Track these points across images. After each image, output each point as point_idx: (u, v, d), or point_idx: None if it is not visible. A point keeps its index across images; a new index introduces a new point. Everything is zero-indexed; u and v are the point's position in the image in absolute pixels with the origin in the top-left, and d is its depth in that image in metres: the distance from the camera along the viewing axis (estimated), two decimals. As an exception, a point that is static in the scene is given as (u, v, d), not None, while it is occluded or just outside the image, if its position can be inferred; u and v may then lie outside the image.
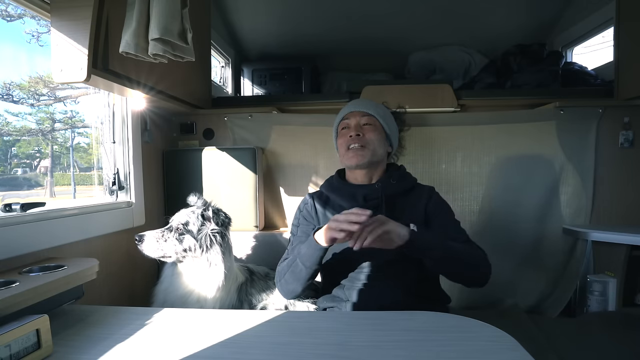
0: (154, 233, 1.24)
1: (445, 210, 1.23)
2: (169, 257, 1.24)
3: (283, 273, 1.17)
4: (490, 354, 0.70)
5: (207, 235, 1.23)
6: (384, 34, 2.45)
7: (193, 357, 0.71)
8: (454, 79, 2.32)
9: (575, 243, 1.77)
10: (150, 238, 1.23)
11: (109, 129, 1.51)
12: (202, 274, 1.23)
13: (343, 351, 0.72)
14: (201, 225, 1.23)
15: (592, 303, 1.62)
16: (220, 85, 2.52)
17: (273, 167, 1.88)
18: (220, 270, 1.22)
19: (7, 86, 1.53)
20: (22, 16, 1.40)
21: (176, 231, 1.23)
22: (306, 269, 1.10)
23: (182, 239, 1.22)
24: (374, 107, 1.29)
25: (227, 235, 1.29)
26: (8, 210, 1.06)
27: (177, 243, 1.22)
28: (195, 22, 1.26)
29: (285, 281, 1.16)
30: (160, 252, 1.23)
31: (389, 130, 1.29)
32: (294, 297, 1.20)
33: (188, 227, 1.23)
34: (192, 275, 1.25)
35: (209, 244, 1.23)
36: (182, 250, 1.22)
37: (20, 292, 0.78)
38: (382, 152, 1.26)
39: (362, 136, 1.23)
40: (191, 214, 1.25)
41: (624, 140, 1.76)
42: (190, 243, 1.22)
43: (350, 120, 1.27)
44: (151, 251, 1.22)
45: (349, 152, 1.23)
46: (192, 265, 1.25)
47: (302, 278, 1.12)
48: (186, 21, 1.12)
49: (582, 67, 2.17)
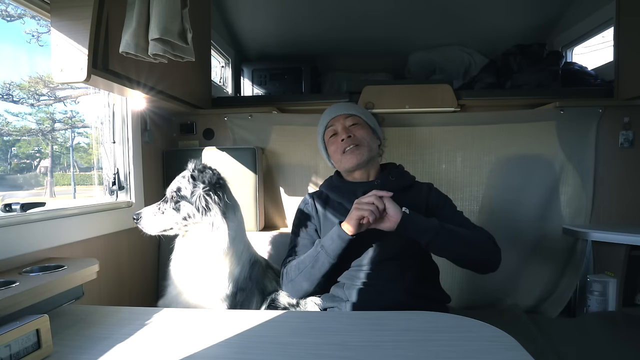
0: (150, 208, 1.18)
1: (446, 202, 1.25)
2: (170, 230, 1.18)
3: (293, 273, 1.16)
4: (490, 354, 0.70)
5: (200, 196, 1.15)
6: (384, 34, 2.46)
7: (193, 357, 0.71)
8: (454, 79, 2.32)
9: (575, 243, 1.77)
10: (147, 214, 1.17)
11: (109, 129, 1.51)
12: (206, 238, 1.16)
13: (343, 351, 0.72)
14: (194, 188, 1.15)
15: (592, 303, 1.62)
16: (220, 85, 2.52)
17: (273, 167, 1.88)
18: (223, 232, 1.15)
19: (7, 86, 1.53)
20: (22, 16, 1.40)
21: (171, 200, 1.16)
22: (329, 262, 1.10)
23: (179, 207, 1.15)
24: (353, 107, 1.32)
25: (224, 194, 1.19)
26: (8, 210, 1.05)
27: (175, 212, 1.15)
28: (195, 22, 1.26)
29: (298, 281, 1.16)
30: (160, 227, 1.17)
31: (373, 124, 1.32)
32: (305, 295, 1.20)
33: (181, 193, 1.16)
34: (198, 243, 1.18)
35: (205, 205, 1.14)
36: (182, 219, 1.16)
37: (20, 292, 0.79)
38: (375, 147, 1.28)
39: (353, 137, 1.24)
40: (182, 179, 1.18)
41: (624, 140, 1.76)
42: (188, 209, 1.15)
43: (335, 126, 1.28)
44: (150, 228, 1.17)
45: (345, 155, 1.24)
46: (197, 234, 1.18)
47: (320, 273, 1.12)
48: (186, 21, 1.12)
49: (582, 67, 2.18)
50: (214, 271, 1.18)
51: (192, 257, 1.19)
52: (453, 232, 1.08)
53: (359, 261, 1.16)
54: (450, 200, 1.26)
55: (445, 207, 1.22)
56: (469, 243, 1.10)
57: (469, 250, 1.10)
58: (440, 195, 1.26)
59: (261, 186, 1.78)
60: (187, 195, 1.16)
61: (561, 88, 2.03)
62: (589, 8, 2.17)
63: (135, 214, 1.20)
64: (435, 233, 1.05)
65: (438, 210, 1.21)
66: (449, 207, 1.23)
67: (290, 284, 1.18)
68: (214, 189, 1.17)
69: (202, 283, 1.18)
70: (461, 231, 1.10)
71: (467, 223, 1.18)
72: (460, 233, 1.09)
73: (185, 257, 1.20)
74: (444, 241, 1.07)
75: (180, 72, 1.55)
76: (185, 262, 1.20)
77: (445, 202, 1.25)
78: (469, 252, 1.10)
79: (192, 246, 1.19)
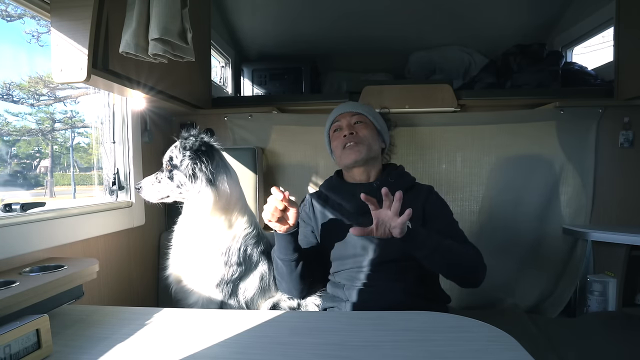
0: (149, 178, 1.23)
1: (443, 210, 1.23)
2: (167, 198, 1.22)
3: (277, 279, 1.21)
4: (490, 354, 0.70)
5: (188, 165, 1.17)
6: (384, 33, 2.45)
7: (193, 357, 0.71)
8: (454, 79, 2.32)
9: (575, 243, 1.77)
10: (147, 184, 1.22)
11: (109, 129, 1.51)
12: (194, 206, 1.19)
13: (343, 351, 0.72)
14: (182, 157, 1.18)
15: (592, 303, 1.62)
16: (220, 85, 2.52)
17: (273, 167, 1.88)
18: (207, 199, 1.15)
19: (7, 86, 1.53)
20: (22, 16, 1.40)
21: (166, 170, 1.20)
22: (282, 262, 1.13)
23: (172, 175, 1.19)
24: (362, 107, 1.33)
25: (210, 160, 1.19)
26: (8, 210, 1.05)
27: (169, 181, 1.19)
28: (195, 22, 1.26)
29: (279, 281, 1.20)
30: (158, 195, 1.21)
31: (379, 126, 1.32)
32: (298, 294, 1.20)
33: (173, 162, 1.19)
34: (190, 210, 1.21)
35: (192, 173, 1.16)
36: (176, 187, 1.19)
37: (20, 292, 0.79)
38: (376, 148, 1.28)
39: (355, 134, 1.25)
40: (174, 148, 1.21)
41: (624, 140, 1.76)
42: (180, 178, 1.18)
43: (341, 122, 1.30)
44: (150, 196, 1.22)
45: (345, 151, 1.24)
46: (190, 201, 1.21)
47: (285, 273, 1.15)
48: (186, 21, 1.12)
49: (582, 67, 2.18)
50: (206, 239, 1.19)
51: (188, 224, 1.22)
52: (448, 250, 1.07)
53: (359, 262, 1.16)
54: (448, 208, 1.24)
55: (440, 217, 1.21)
56: (460, 261, 1.10)
57: (458, 268, 1.10)
58: (437, 201, 1.24)
59: (261, 186, 1.78)
60: (177, 164, 1.18)
61: (561, 88, 2.03)
62: (589, 8, 2.17)
63: (137, 184, 1.25)
64: (433, 250, 1.04)
65: (432, 219, 1.19)
66: (444, 217, 1.21)
67: (278, 285, 1.22)
68: (197, 156, 1.17)
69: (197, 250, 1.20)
70: (455, 249, 1.09)
71: (460, 237, 1.17)
72: (454, 251, 1.09)
73: (185, 223, 1.24)
74: (439, 258, 1.06)
75: (180, 72, 1.55)
76: (184, 228, 1.23)
77: (441, 210, 1.23)
78: (457, 270, 1.11)
79: (189, 212, 1.23)
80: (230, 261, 1.18)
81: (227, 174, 1.22)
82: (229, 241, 1.19)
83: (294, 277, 1.15)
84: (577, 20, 2.28)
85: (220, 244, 1.19)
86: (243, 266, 1.20)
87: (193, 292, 1.20)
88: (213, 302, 1.18)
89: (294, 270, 1.13)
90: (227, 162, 1.26)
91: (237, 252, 1.19)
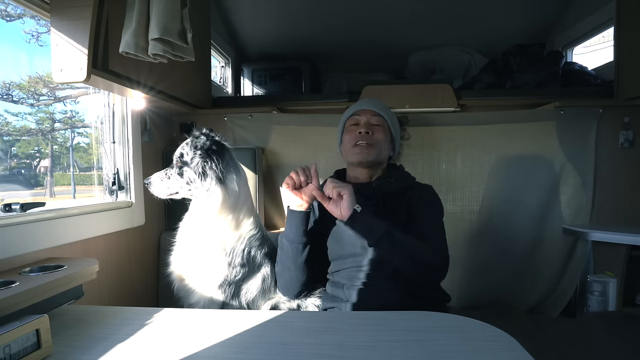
0: (159, 173, 1.23)
1: (428, 210, 1.20)
2: (176, 194, 1.22)
3: (278, 270, 1.19)
4: (490, 353, 0.70)
5: (198, 163, 1.17)
6: (384, 34, 2.46)
7: (193, 357, 0.71)
8: (454, 79, 2.31)
9: (575, 243, 1.77)
10: (156, 179, 1.22)
11: (109, 129, 1.51)
12: (202, 203, 1.19)
13: (343, 351, 0.72)
14: (193, 154, 1.18)
15: (592, 303, 1.62)
16: (220, 85, 2.52)
17: (273, 167, 1.88)
18: (216, 198, 1.16)
19: (7, 86, 1.53)
20: (22, 16, 1.40)
21: (176, 166, 1.20)
22: (290, 244, 1.13)
23: (182, 172, 1.19)
24: (385, 110, 1.29)
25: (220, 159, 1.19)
26: (8, 210, 1.06)
27: (179, 178, 1.19)
28: (195, 22, 1.26)
29: (279, 273, 1.18)
30: (167, 191, 1.21)
31: (395, 134, 1.30)
32: (294, 293, 1.19)
33: (184, 159, 1.19)
34: (199, 207, 1.21)
35: (202, 171, 1.17)
36: (185, 184, 1.19)
37: (20, 292, 0.79)
38: (385, 155, 1.26)
39: (370, 135, 1.23)
40: (185, 145, 1.21)
41: (624, 140, 1.76)
42: (190, 175, 1.18)
43: (360, 117, 1.27)
44: (158, 191, 1.22)
45: (355, 148, 1.23)
46: (199, 198, 1.21)
47: (291, 258, 1.14)
48: (186, 21, 1.12)
49: (582, 67, 2.18)
50: (212, 239, 1.19)
51: (196, 220, 1.22)
52: (398, 241, 1.06)
53: (359, 261, 1.16)
54: (436, 209, 1.21)
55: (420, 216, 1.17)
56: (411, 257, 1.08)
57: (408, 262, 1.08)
58: (428, 201, 1.21)
59: (261, 186, 1.78)
60: (188, 161, 1.19)
61: (561, 88, 2.03)
62: (589, 8, 2.17)
63: (146, 179, 1.24)
64: (379, 238, 1.04)
65: (413, 217, 1.17)
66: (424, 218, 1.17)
67: (278, 280, 1.20)
68: (208, 155, 1.18)
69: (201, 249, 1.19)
70: (407, 242, 1.07)
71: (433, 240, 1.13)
72: (407, 244, 1.07)
73: (191, 220, 1.24)
74: (387, 247, 1.06)
75: (180, 72, 1.55)
76: (190, 226, 1.23)
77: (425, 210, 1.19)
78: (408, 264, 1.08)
79: (195, 213, 1.23)
80: (234, 262, 1.18)
81: (237, 174, 1.22)
82: (234, 242, 1.19)
83: (299, 262, 1.14)
84: (577, 20, 2.29)
85: (226, 244, 1.19)
86: (246, 268, 1.19)
87: (195, 291, 1.20)
88: (215, 302, 1.18)
89: (300, 254, 1.13)
90: (238, 162, 1.26)
91: (241, 253, 1.19)
